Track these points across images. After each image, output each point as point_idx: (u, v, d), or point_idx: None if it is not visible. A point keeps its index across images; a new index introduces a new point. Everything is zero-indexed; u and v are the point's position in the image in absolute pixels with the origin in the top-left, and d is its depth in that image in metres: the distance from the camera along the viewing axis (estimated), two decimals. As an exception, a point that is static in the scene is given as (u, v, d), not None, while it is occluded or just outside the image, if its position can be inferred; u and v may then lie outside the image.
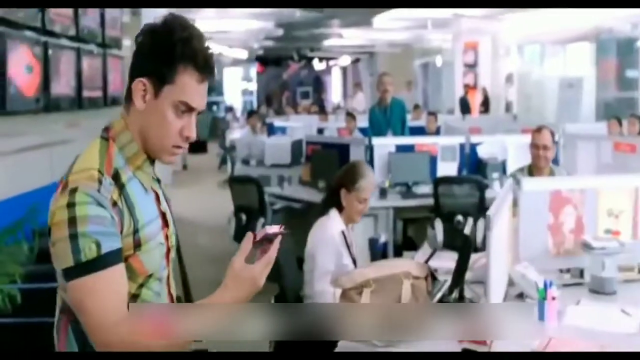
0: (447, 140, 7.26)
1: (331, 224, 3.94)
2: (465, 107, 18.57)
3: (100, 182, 1.75)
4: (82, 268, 1.69)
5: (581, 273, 3.68)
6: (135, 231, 1.80)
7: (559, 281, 3.47)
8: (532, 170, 5.31)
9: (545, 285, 3.09)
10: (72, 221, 1.69)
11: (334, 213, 3.98)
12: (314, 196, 6.91)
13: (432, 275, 3.10)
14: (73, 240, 1.69)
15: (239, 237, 6.91)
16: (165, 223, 1.95)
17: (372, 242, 6.03)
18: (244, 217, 6.82)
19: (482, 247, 3.69)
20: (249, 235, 1.83)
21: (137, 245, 1.81)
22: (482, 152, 7.08)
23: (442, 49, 22.94)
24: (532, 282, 3.30)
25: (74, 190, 1.71)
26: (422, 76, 24.72)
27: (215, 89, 29.44)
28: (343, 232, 3.94)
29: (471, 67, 20.30)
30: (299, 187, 7.76)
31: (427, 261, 3.66)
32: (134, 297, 1.84)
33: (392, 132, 8.01)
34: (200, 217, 10.87)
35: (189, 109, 1.83)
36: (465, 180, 6.39)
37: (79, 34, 6.48)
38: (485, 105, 18.68)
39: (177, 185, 12.87)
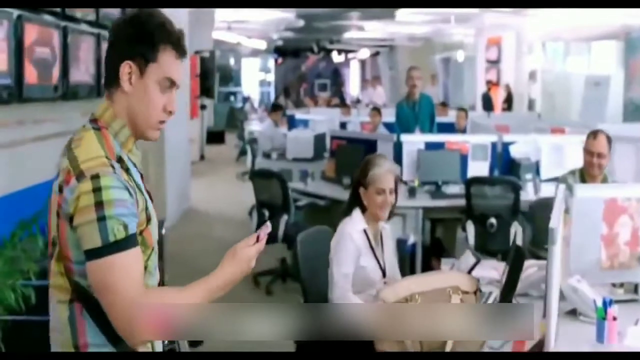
0: (479, 139, 6.96)
1: (351, 223, 3.73)
2: (487, 104, 18.26)
3: (112, 167, 1.87)
4: (111, 247, 1.79)
5: (635, 288, 3.42)
6: (146, 207, 1.95)
7: (611, 296, 3.21)
8: (584, 176, 4.94)
9: (604, 303, 2.83)
10: (99, 205, 1.79)
11: (356, 213, 3.77)
12: (339, 193, 6.68)
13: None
14: (101, 222, 1.79)
15: (260, 233, 6.69)
16: (151, 200, 2.06)
17: (401, 243, 5.77)
18: (266, 213, 6.59)
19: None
20: (254, 236, 2.00)
21: (148, 219, 1.96)
22: (515, 152, 6.79)
23: (464, 43, 22.59)
24: (587, 298, 3.05)
25: (95, 176, 1.81)
26: (442, 71, 24.35)
27: (232, 79, 29.25)
28: (365, 232, 3.71)
29: (494, 63, 19.99)
30: (322, 182, 7.51)
31: (470, 271, 3.42)
32: (144, 269, 1.94)
33: (420, 128, 7.71)
34: (219, 208, 10.66)
35: (172, 84, 2.00)
36: (499, 181, 6.11)
37: (99, 19, 6.26)
38: (508, 102, 18.36)
39: (194, 176, 12.64)
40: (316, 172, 8.12)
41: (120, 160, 1.93)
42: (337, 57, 33.81)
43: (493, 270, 3.80)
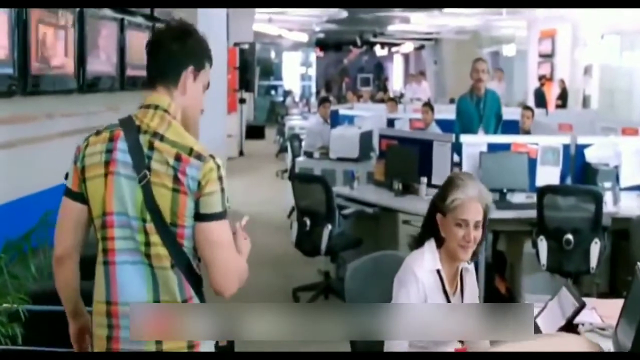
0: (549, 141, 6.11)
1: (420, 258, 2.91)
2: (540, 100, 17.30)
3: None
4: (225, 212, 2.25)
5: None
6: None
7: None
8: None
9: None
10: (220, 179, 2.23)
11: (429, 245, 2.93)
12: (389, 199, 5.98)
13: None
14: (222, 192, 2.23)
15: (301, 243, 5.99)
16: None
17: (461, 261, 5.01)
18: (308, 222, 5.85)
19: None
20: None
21: None
22: (591, 156, 5.96)
23: (515, 36, 21.68)
24: None
25: (212, 157, 2.22)
26: (491, 66, 23.41)
27: (273, 72, 28.67)
28: (439, 272, 2.89)
29: (547, 57, 19.04)
30: (370, 186, 6.77)
31: (571, 321, 2.66)
32: None
33: (483, 128, 6.91)
34: (256, 209, 9.96)
35: (208, 87, 2.41)
36: (578, 191, 5.30)
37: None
38: (563, 99, 17.42)
39: (232, 173, 11.97)
40: (362, 174, 7.39)
41: None
42: (380, 51, 33.01)
43: (593, 311, 3.03)
